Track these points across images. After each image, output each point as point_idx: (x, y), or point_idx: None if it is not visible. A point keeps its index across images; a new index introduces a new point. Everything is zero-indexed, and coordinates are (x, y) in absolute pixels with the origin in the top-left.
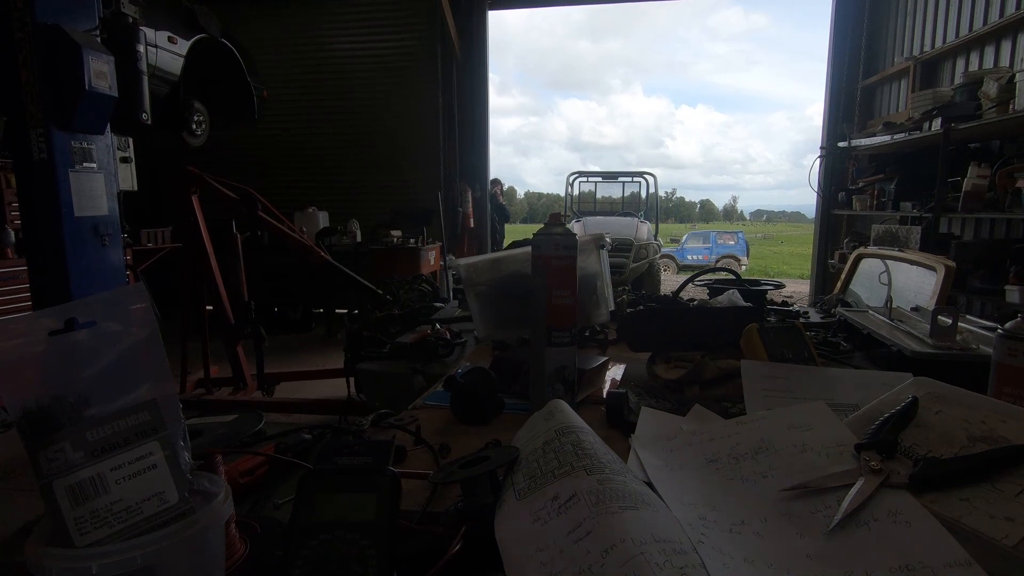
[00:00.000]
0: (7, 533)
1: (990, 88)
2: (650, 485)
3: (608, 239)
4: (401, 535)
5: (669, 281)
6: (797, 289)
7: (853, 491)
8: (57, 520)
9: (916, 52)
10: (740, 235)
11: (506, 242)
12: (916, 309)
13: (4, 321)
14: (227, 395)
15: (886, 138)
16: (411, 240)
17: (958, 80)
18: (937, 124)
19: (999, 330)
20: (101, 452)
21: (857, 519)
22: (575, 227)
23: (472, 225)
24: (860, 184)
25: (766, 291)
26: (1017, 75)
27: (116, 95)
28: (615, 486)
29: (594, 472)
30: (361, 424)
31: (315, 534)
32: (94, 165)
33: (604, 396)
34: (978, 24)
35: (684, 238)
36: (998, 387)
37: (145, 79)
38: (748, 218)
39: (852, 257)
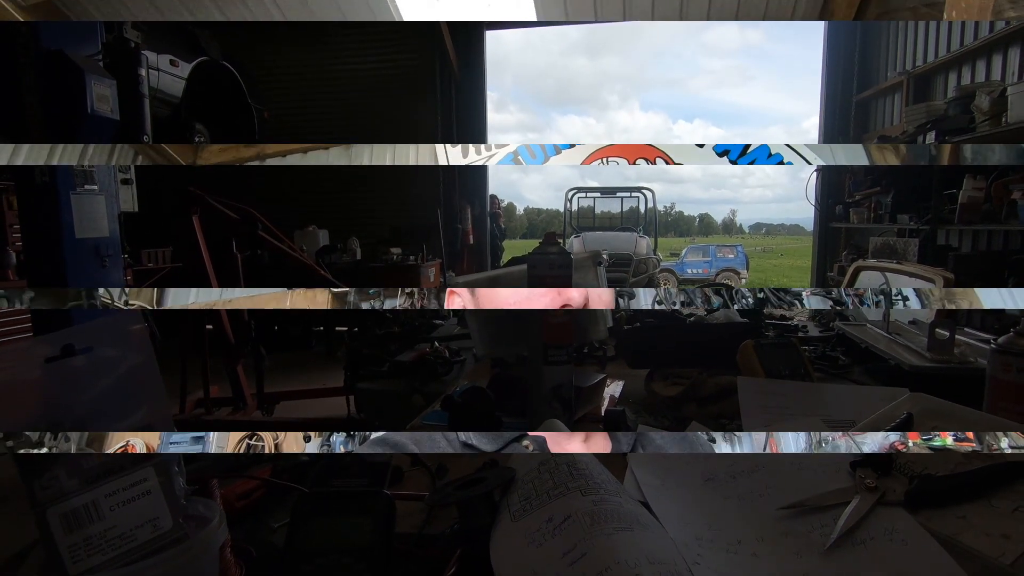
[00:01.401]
0: (4, 558)
1: (983, 101)
2: (647, 504)
3: (605, 256)
4: (396, 559)
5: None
6: None
7: (849, 509)
8: (50, 548)
9: (909, 67)
10: (739, 248)
11: (505, 258)
12: (914, 322)
13: (1, 348)
14: (227, 415)
15: None
16: (411, 257)
17: (951, 94)
18: (931, 137)
19: (992, 345)
20: (96, 479)
21: (854, 538)
22: (574, 243)
23: (472, 242)
24: (857, 197)
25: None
26: (1009, 88)
27: (118, 119)
28: (610, 507)
29: (589, 493)
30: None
31: (309, 559)
32: (95, 187)
33: (602, 414)
34: (969, 39)
35: (683, 252)
36: (993, 402)
37: (147, 102)
38: (747, 231)
39: (851, 270)
